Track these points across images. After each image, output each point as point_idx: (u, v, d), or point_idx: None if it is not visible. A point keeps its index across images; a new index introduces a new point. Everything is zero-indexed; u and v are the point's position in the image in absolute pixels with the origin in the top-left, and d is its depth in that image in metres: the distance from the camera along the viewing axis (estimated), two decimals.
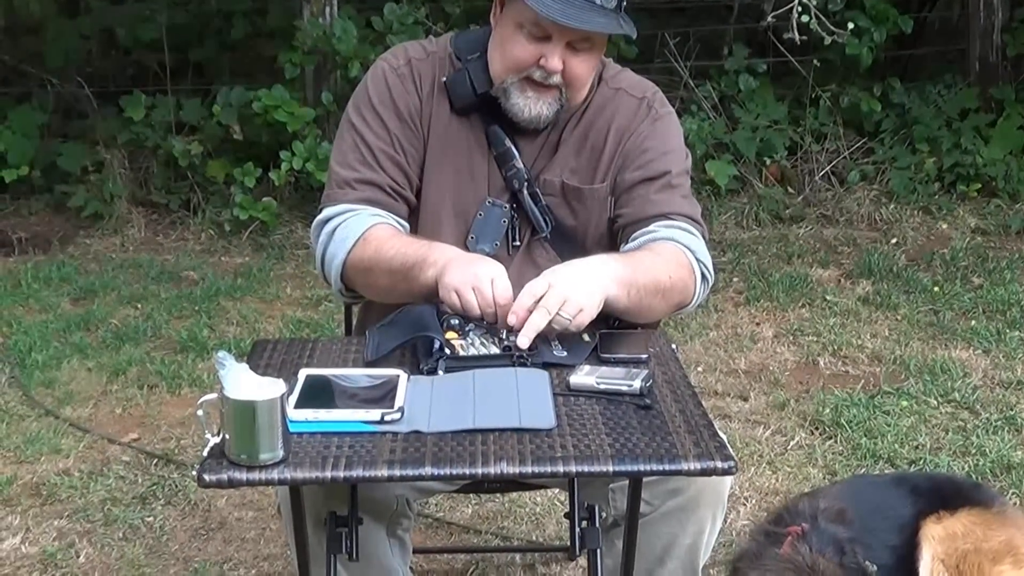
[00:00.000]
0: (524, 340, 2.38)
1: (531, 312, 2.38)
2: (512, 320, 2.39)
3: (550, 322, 2.39)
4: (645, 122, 2.81)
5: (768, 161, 7.67)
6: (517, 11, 2.65)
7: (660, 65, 8.33)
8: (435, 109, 2.78)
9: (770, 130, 7.74)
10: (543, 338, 2.47)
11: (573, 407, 2.24)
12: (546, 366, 2.39)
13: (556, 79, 2.67)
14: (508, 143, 2.76)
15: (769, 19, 5.76)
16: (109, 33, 8.95)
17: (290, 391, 2.15)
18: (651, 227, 2.73)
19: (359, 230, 2.70)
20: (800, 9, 5.31)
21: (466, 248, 2.71)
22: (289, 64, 7.25)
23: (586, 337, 2.52)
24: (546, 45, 2.64)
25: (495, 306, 2.44)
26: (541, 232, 2.79)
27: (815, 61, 7.83)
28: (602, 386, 2.29)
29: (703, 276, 2.74)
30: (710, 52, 8.54)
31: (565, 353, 2.44)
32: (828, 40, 5.56)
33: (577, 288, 2.43)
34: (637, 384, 2.27)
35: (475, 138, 2.79)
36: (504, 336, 2.45)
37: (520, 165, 2.76)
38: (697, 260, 2.72)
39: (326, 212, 2.77)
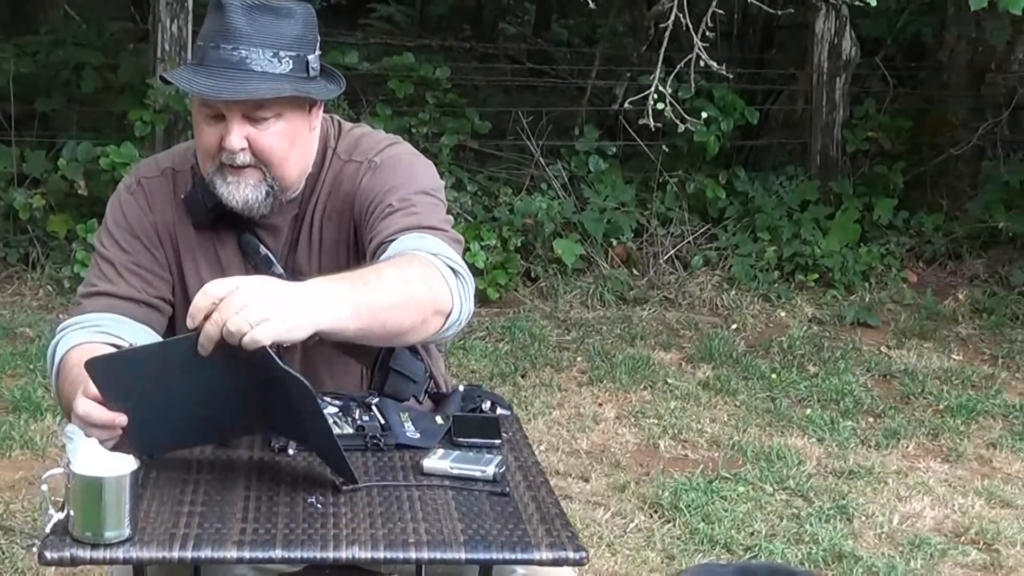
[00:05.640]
0: (202, 350, 2.08)
1: (207, 318, 2.08)
2: (189, 323, 2.09)
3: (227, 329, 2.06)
4: (364, 177, 2.61)
5: (615, 242, 7.77)
6: (193, 98, 2.54)
7: (511, 142, 8.43)
8: (179, 227, 2.64)
9: (618, 212, 7.85)
10: (396, 419, 2.46)
11: (426, 491, 2.23)
12: (399, 448, 2.38)
13: (243, 158, 2.49)
14: (263, 249, 2.63)
15: (626, 104, 5.87)
16: None
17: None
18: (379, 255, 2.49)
19: (57, 361, 2.52)
20: (656, 96, 5.43)
21: None
22: (140, 122, 7.16)
23: (439, 420, 2.51)
24: (224, 124, 2.48)
25: (102, 422, 2.17)
26: None
27: (664, 146, 8.00)
28: (455, 471, 2.28)
29: (452, 271, 2.42)
30: (561, 132, 8.66)
31: (418, 435, 2.43)
32: (682, 128, 5.69)
33: (271, 296, 2.10)
34: (491, 470, 2.27)
35: (229, 250, 2.65)
36: (358, 416, 2.44)
37: (280, 270, 2.61)
38: (433, 254, 2.41)
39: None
